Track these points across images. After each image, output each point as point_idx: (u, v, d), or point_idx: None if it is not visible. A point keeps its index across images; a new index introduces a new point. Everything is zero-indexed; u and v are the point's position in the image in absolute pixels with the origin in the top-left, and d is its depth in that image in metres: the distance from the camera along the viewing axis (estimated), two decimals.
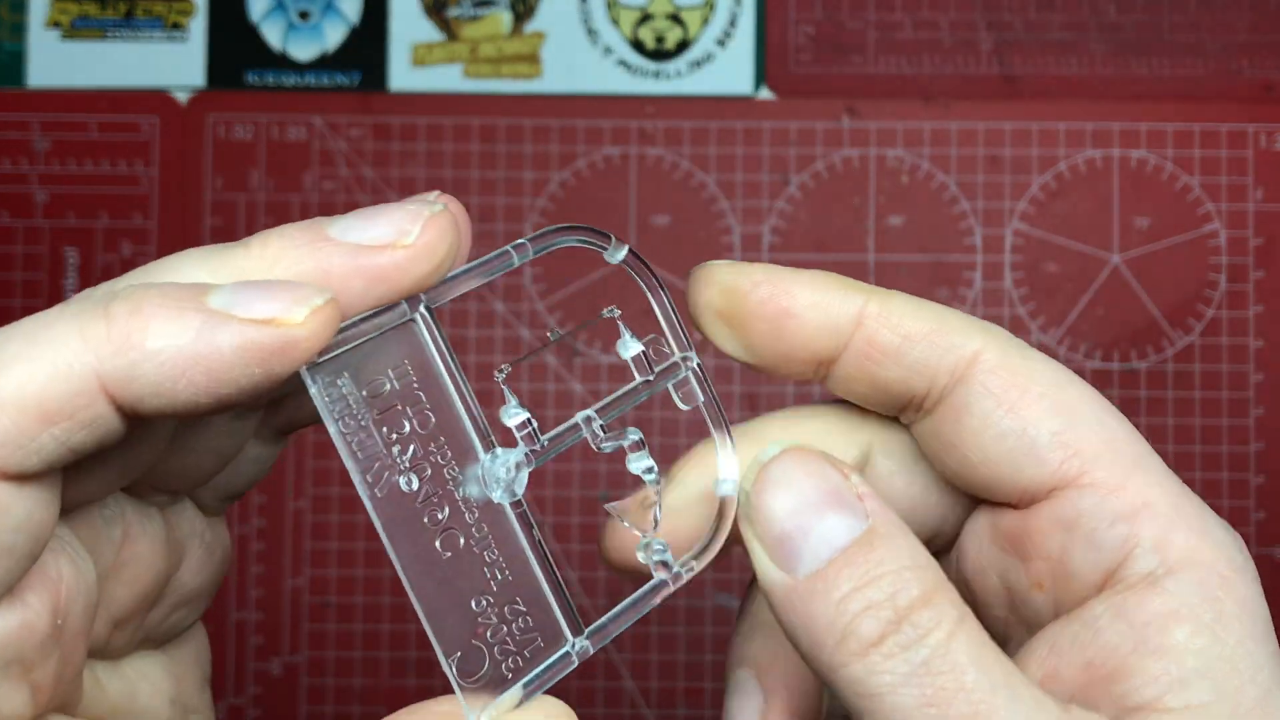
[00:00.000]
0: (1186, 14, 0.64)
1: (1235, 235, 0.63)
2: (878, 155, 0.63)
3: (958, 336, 0.28)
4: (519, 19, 0.64)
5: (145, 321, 0.21)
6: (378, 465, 0.23)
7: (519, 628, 0.24)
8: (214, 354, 0.21)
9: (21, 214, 0.63)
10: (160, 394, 0.21)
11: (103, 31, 0.64)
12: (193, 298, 0.21)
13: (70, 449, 0.21)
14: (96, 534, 0.25)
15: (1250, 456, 0.62)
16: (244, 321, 0.21)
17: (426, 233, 0.23)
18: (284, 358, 0.21)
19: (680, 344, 0.28)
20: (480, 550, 0.24)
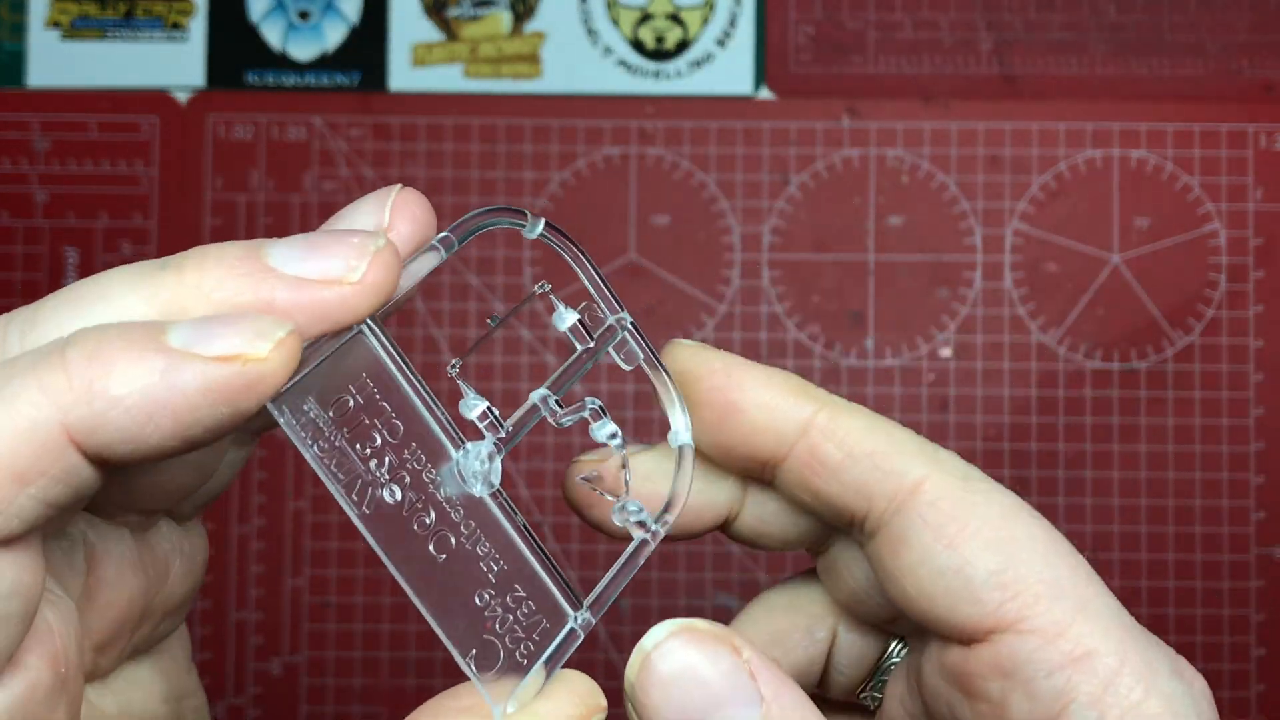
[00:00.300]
0: (1186, 14, 0.64)
1: (1235, 235, 0.63)
2: (878, 155, 0.63)
3: (902, 461, 0.26)
4: (519, 19, 0.64)
5: (106, 367, 0.20)
6: (360, 483, 0.23)
7: (524, 613, 0.24)
8: (180, 397, 0.20)
9: (21, 214, 0.63)
10: (128, 440, 0.20)
11: (103, 31, 0.64)
12: (152, 338, 0.20)
13: (49, 505, 0.20)
14: (57, 565, 0.24)
15: (1250, 456, 0.62)
16: (207, 360, 0.20)
17: (374, 270, 0.22)
18: (250, 394, 0.21)
19: (611, 307, 0.28)
20: (472, 546, 0.24)
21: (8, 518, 0.20)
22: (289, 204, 0.63)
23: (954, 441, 0.62)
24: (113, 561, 0.25)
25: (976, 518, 0.26)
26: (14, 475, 0.20)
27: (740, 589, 0.62)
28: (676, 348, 0.28)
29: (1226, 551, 0.62)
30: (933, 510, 0.26)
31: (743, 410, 0.27)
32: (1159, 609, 0.61)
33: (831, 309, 0.63)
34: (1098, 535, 0.62)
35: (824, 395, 0.27)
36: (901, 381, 0.63)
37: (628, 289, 0.63)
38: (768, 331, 0.63)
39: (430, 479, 0.24)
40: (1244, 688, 0.61)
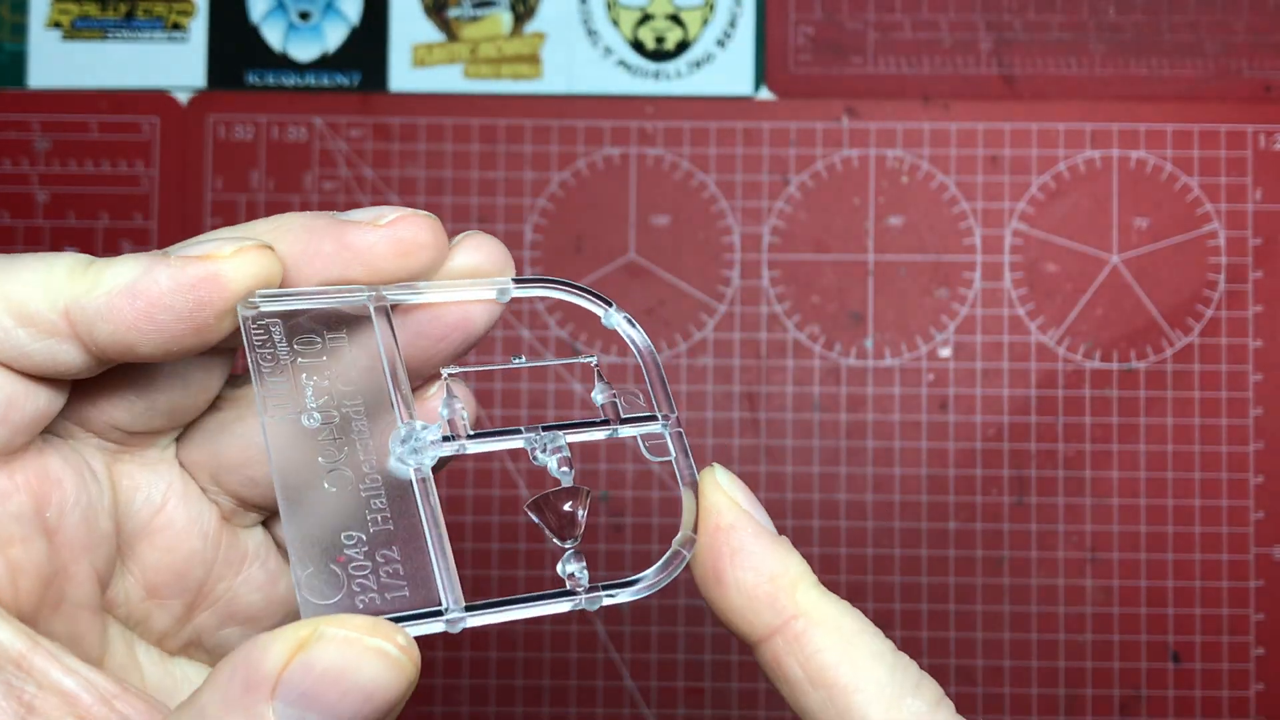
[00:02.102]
0: (1186, 14, 0.64)
1: (1234, 235, 0.63)
2: (877, 155, 0.64)
3: (861, 703, 0.25)
4: (519, 19, 0.64)
5: (112, 263, 0.25)
6: (284, 397, 0.25)
7: (386, 573, 0.24)
8: (151, 284, 0.24)
9: (22, 214, 0.63)
10: (107, 319, 0.24)
11: (103, 32, 0.64)
12: (156, 252, 0.25)
13: (30, 359, 0.24)
14: (135, 486, 0.28)
15: (1250, 456, 0.62)
16: (183, 259, 0.24)
17: (400, 223, 0.26)
18: (213, 288, 0.24)
19: (666, 407, 0.28)
20: (367, 496, 0.25)
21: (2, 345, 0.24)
22: (289, 204, 0.63)
23: (954, 442, 0.62)
24: (187, 514, 0.28)
25: None
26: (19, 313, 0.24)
27: None
28: (707, 476, 0.27)
29: (1226, 551, 0.62)
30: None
31: (724, 584, 0.26)
32: (1159, 609, 0.62)
33: (831, 309, 0.63)
34: (1098, 535, 0.62)
35: (812, 598, 0.26)
36: (901, 381, 0.63)
37: (628, 289, 0.63)
38: (768, 331, 0.63)
39: (360, 430, 0.25)
40: (1244, 688, 0.61)
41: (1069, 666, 0.61)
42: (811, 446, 0.62)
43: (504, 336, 0.63)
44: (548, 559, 0.62)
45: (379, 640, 0.22)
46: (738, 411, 0.62)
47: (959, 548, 0.62)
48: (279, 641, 0.22)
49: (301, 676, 0.22)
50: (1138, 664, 0.61)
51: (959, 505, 0.62)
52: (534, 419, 0.63)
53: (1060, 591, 0.62)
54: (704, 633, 0.62)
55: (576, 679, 0.61)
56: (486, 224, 0.63)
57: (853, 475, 0.62)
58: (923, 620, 0.62)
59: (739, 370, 0.63)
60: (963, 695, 0.61)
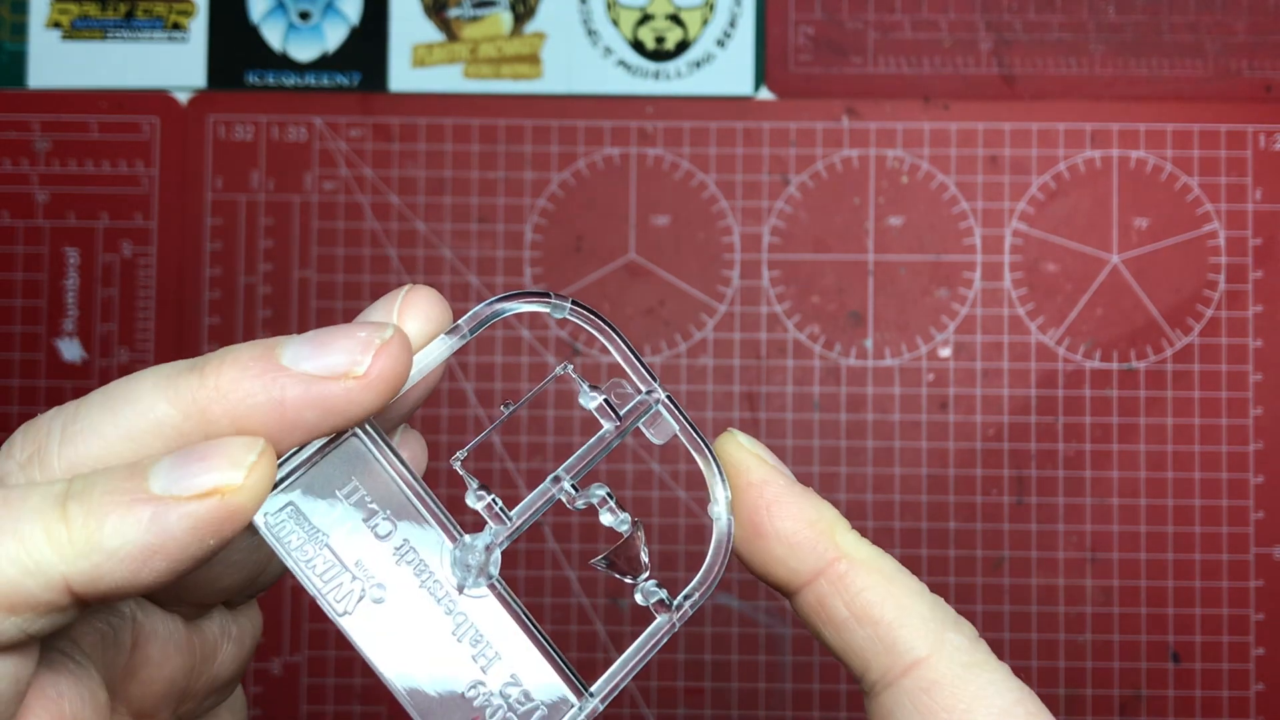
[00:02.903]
0: (1186, 14, 0.64)
1: (1234, 235, 0.63)
2: (878, 155, 0.64)
3: (906, 637, 0.26)
4: (519, 19, 0.64)
5: (99, 521, 0.21)
6: (342, 585, 0.24)
7: (518, 702, 0.24)
8: (169, 540, 0.22)
9: (22, 214, 0.63)
10: (124, 586, 0.22)
11: (103, 32, 0.64)
12: (138, 485, 0.22)
13: (28, 634, 0.22)
14: (101, 639, 0.25)
15: (1250, 456, 0.62)
16: (189, 499, 0.22)
17: (378, 362, 0.23)
18: (233, 522, 0.22)
19: (644, 381, 0.27)
20: (464, 638, 0.24)
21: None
22: (289, 204, 0.64)
23: (954, 442, 0.62)
24: (159, 642, 0.27)
25: (977, 710, 0.25)
26: (8, 605, 0.21)
27: (739, 589, 0.62)
28: (728, 439, 0.28)
29: (1226, 551, 0.62)
30: (924, 696, 0.25)
31: (764, 536, 0.27)
32: (1159, 609, 0.62)
33: (831, 309, 0.63)
34: (1097, 535, 0.62)
35: (850, 541, 0.27)
36: (901, 381, 0.63)
37: (627, 289, 0.63)
38: (768, 331, 0.63)
39: (425, 577, 0.24)
40: (1244, 688, 0.61)
41: (1069, 666, 0.61)
42: (811, 446, 0.62)
43: (503, 340, 0.63)
44: (547, 560, 0.62)
45: None
46: (738, 411, 0.62)
47: (959, 548, 0.62)
48: None
49: None
50: (1138, 664, 0.61)
51: (959, 505, 0.62)
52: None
53: (1060, 591, 0.62)
54: (704, 633, 0.62)
55: None
56: (486, 224, 0.63)
57: (853, 475, 0.62)
58: None
59: (739, 370, 0.63)
60: None
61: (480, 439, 0.28)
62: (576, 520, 0.62)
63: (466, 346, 0.62)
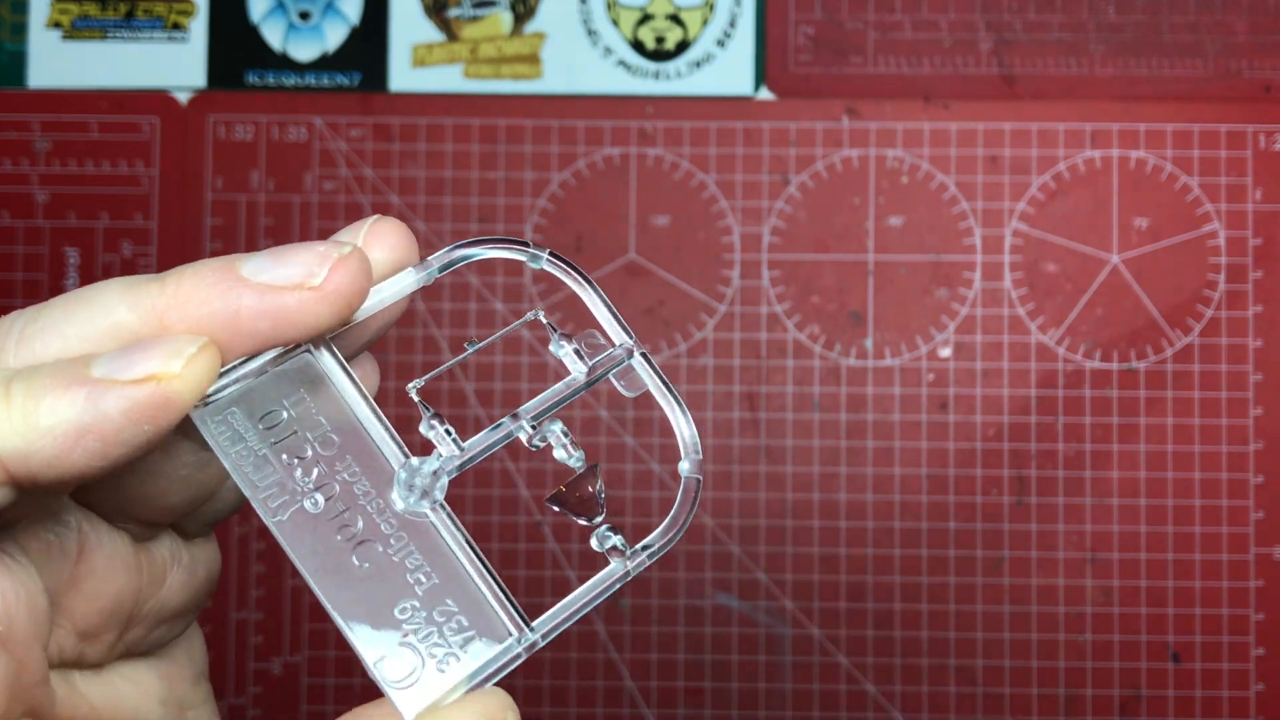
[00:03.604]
0: (1186, 15, 0.64)
1: (1234, 235, 0.63)
2: (878, 155, 0.64)
3: None
4: (519, 19, 0.64)
5: (38, 401, 0.22)
6: (278, 490, 0.24)
7: (451, 628, 0.24)
8: (103, 420, 0.22)
9: (22, 214, 0.63)
10: (54, 465, 0.22)
11: (103, 32, 0.64)
12: (78, 371, 0.22)
13: None
14: (46, 546, 0.25)
15: (1250, 456, 0.62)
16: (126, 384, 0.22)
17: (334, 276, 0.24)
18: (168, 410, 0.22)
19: (619, 335, 0.27)
20: (401, 558, 0.24)
21: None
22: (289, 204, 0.64)
23: (954, 442, 0.62)
24: (104, 555, 0.26)
25: None
26: None
27: (740, 589, 0.62)
28: None
29: (1226, 551, 0.62)
30: None
31: None
32: (1159, 609, 0.62)
33: (831, 309, 0.63)
34: (1097, 535, 0.62)
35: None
36: (901, 381, 0.63)
37: (628, 289, 0.63)
38: (768, 331, 0.63)
39: (363, 491, 0.24)
40: (1244, 688, 0.61)
41: (1069, 666, 0.61)
42: (811, 446, 0.62)
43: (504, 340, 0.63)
44: (547, 560, 0.62)
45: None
46: (738, 411, 0.62)
47: (959, 548, 0.62)
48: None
49: None
50: (1138, 664, 0.61)
51: (959, 505, 0.62)
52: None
53: (1060, 591, 0.62)
54: (704, 633, 0.62)
55: (576, 679, 0.61)
56: (486, 224, 0.63)
57: (853, 475, 0.62)
58: (923, 620, 0.62)
59: (739, 370, 0.63)
60: (963, 695, 0.61)
61: (440, 370, 0.27)
62: None
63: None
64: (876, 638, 0.62)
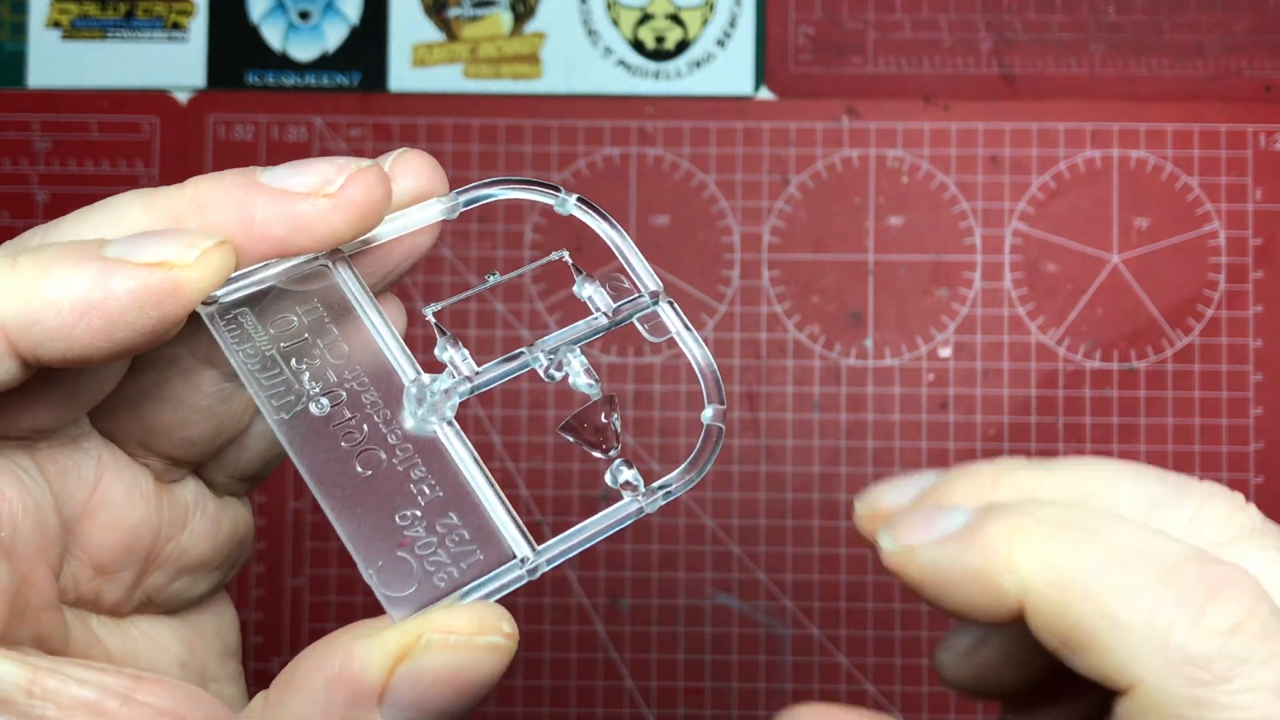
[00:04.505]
0: (1186, 14, 0.64)
1: (1235, 235, 0.63)
2: (878, 155, 0.64)
3: (1117, 660, 0.20)
4: (519, 19, 0.64)
5: (45, 272, 0.22)
6: (283, 390, 0.24)
7: (453, 541, 0.23)
8: (109, 299, 0.22)
9: (22, 214, 0.63)
10: (58, 339, 0.22)
11: (103, 32, 0.64)
12: (90, 249, 0.22)
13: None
14: (64, 470, 0.26)
15: (1250, 456, 0.62)
16: (137, 266, 0.22)
17: (350, 186, 0.24)
18: (176, 298, 0.22)
19: (647, 281, 0.27)
20: (405, 468, 0.24)
21: None
22: None
23: (954, 442, 0.62)
24: (123, 485, 0.26)
25: None
26: None
27: (740, 589, 0.62)
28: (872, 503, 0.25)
29: None
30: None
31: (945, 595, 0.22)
32: None
33: (831, 309, 0.63)
34: None
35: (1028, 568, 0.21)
36: (901, 381, 0.63)
37: None
38: (768, 331, 0.63)
39: (371, 400, 0.24)
40: None
41: None
42: (811, 446, 0.62)
43: (504, 336, 0.63)
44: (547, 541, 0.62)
45: (489, 637, 0.22)
46: (738, 411, 0.62)
47: None
48: (378, 652, 0.21)
49: (412, 685, 0.21)
50: None
51: None
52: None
53: None
54: (704, 633, 0.62)
55: (576, 679, 0.61)
56: (486, 224, 0.63)
57: (853, 475, 0.62)
58: (923, 620, 0.62)
59: (739, 370, 0.63)
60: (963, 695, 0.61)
61: (459, 298, 0.27)
62: (577, 520, 0.62)
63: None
64: (876, 638, 0.62)
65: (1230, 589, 0.19)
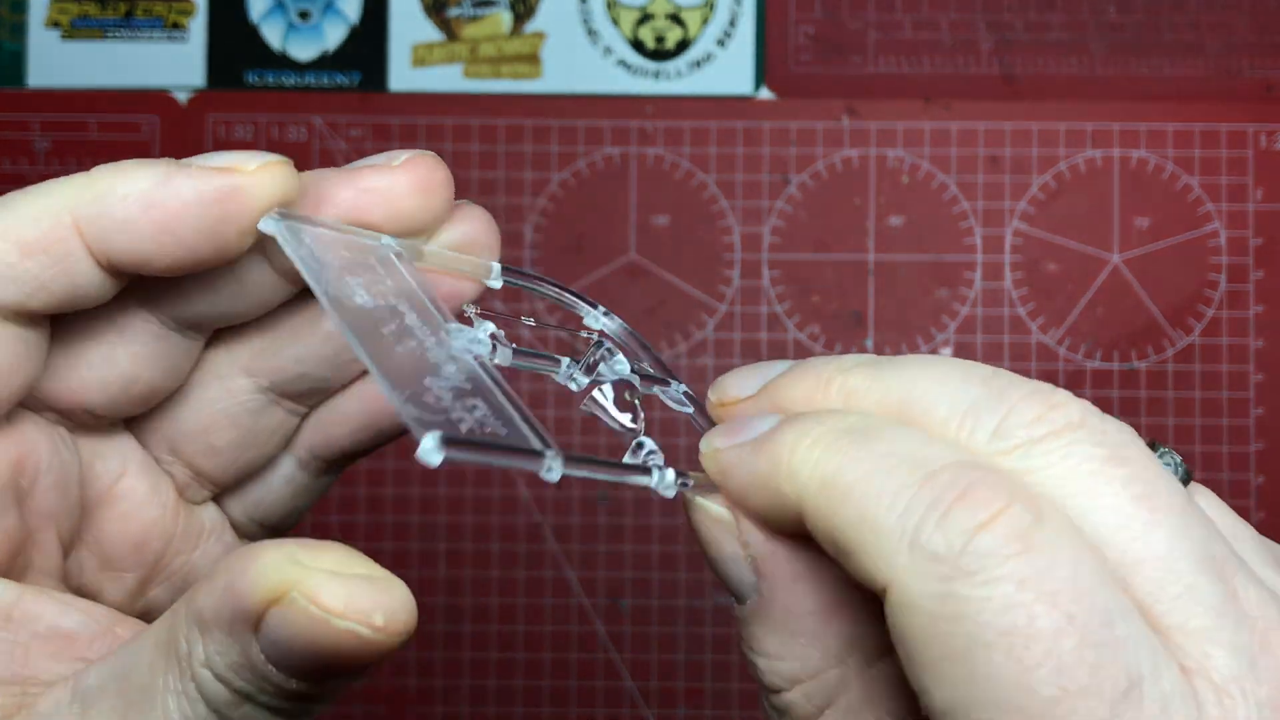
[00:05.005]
0: (1186, 14, 0.64)
1: (1235, 235, 0.63)
2: (878, 155, 0.63)
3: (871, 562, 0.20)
4: (519, 19, 0.64)
5: (117, 173, 0.23)
6: (334, 283, 0.24)
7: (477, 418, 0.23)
8: (174, 196, 0.23)
9: None
10: (125, 231, 0.23)
11: (102, 31, 0.64)
12: (164, 159, 0.24)
13: (43, 286, 0.23)
14: (94, 453, 0.27)
15: (1250, 456, 0.62)
16: (201, 169, 0.24)
17: (415, 162, 0.26)
18: (237, 202, 0.23)
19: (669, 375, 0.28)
20: (436, 361, 0.24)
21: (5, 281, 0.23)
22: None
23: None
24: (145, 484, 0.27)
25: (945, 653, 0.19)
26: (20, 243, 0.23)
27: None
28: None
29: None
30: (899, 639, 0.20)
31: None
32: None
33: (831, 309, 0.63)
34: None
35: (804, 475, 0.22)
36: None
37: (628, 289, 0.63)
38: (768, 331, 0.63)
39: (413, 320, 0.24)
40: None
41: None
42: None
43: None
44: (547, 560, 0.62)
45: (349, 623, 0.21)
46: None
47: None
48: (260, 586, 0.21)
49: (278, 630, 0.21)
50: None
51: None
52: None
53: None
54: (704, 633, 0.62)
55: (576, 679, 0.61)
56: None
57: None
58: None
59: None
60: None
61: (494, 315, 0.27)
62: (577, 520, 0.62)
63: None
64: None
65: (980, 489, 0.20)
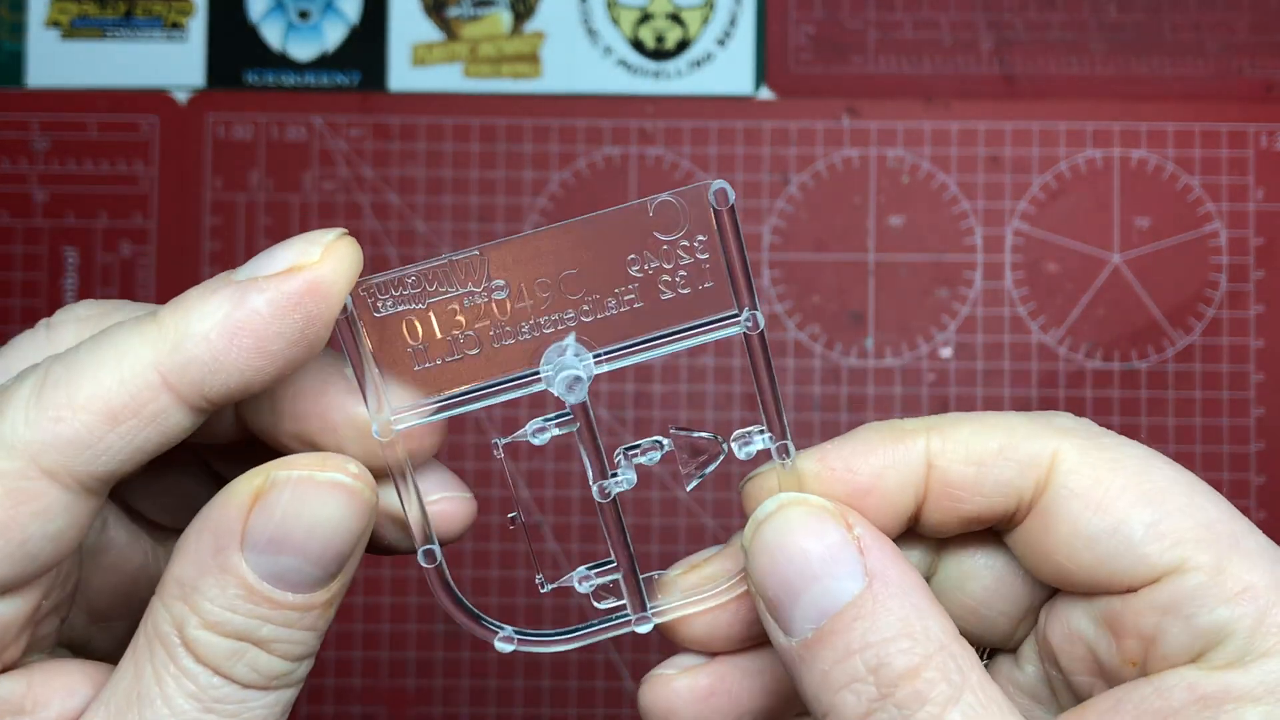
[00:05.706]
0: (1186, 14, 0.64)
1: (1236, 235, 0.63)
2: (878, 155, 0.63)
3: (1030, 444, 0.26)
4: (519, 19, 0.64)
5: (187, 312, 0.23)
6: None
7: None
8: (252, 316, 0.22)
9: (21, 214, 0.63)
10: (217, 370, 0.22)
11: (102, 31, 0.64)
12: (219, 280, 0.23)
13: (136, 448, 0.23)
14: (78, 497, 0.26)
15: (1251, 456, 0.62)
16: (268, 278, 0.23)
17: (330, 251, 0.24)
18: (316, 296, 0.23)
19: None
20: None
21: (95, 454, 0.22)
22: (289, 204, 0.63)
23: None
24: (125, 532, 0.27)
25: (1119, 474, 0.25)
26: (108, 414, 0.22)
27: None
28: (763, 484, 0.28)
29: None
30: (1074, 478, 0.25)
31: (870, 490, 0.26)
32: None
33: (831, 309, 0.63)
34: None
35: (920, 422, 0.27)
36: (901, 381, 0.62)
37: None
38: (768, 331, 0.63)
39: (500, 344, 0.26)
40: None
41: None
42: None
43: None
44: (548, 560, 0.62)
45: (331, 474, 0.22)
46: (738, 411, 0.62)
47: None
48: (238, 494, 0.22)
49: (264, 523, 0.22)
50: None
51: None
52: None
53: None
54: None
55: (576, 680, 0.61)
56: (486, 224, 0.63)
57: None
58: None
59: (739, 370, 0.62)
60: None
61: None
62: (577, 520, 0.62)
63: None
64: None
65: None
